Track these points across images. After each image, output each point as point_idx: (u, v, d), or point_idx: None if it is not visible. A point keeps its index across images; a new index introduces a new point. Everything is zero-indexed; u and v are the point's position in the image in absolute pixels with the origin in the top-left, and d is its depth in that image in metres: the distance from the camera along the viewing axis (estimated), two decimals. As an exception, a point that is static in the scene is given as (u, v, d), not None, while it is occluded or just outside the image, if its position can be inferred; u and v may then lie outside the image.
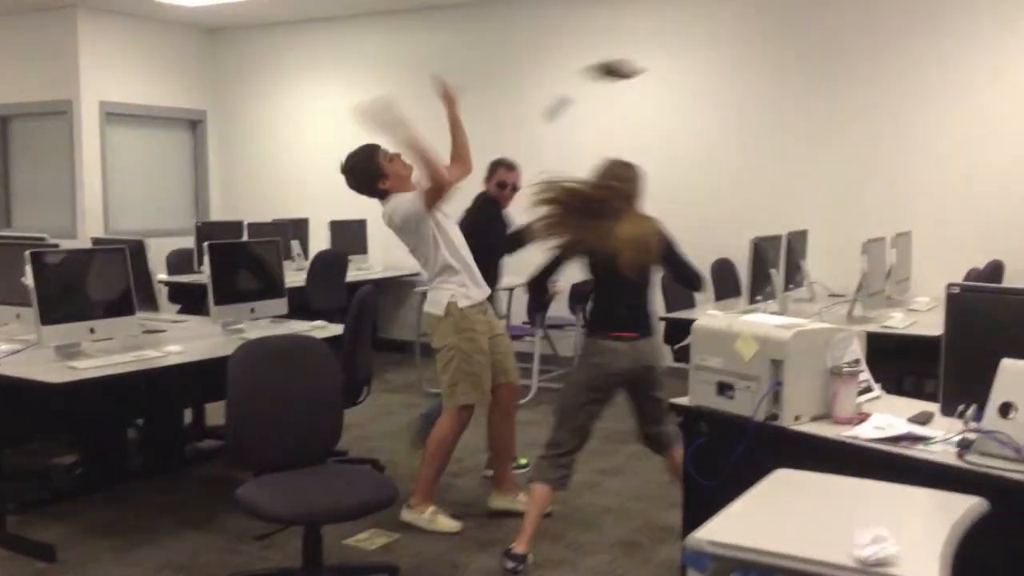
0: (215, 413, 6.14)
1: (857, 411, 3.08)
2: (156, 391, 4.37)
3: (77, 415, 4.28)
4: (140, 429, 5.42)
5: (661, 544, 4.13)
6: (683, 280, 4.28)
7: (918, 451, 2.75)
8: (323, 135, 9.53)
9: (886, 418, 3.03)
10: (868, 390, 3.24)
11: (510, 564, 3.82)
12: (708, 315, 3.53)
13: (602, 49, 8.05)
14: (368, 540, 4.16)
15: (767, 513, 2.18)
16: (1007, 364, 2.57)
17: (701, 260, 6.76)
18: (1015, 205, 6.48)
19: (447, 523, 4.32)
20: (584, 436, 3.94)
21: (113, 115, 9.22)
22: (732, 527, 2.05)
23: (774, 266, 5.80)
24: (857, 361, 3.15)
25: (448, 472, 5.04)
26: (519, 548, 3.84)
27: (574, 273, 7.44)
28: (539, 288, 4.28)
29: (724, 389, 3.17)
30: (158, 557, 4.01)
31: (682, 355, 6.12)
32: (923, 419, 3.06)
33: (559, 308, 7.34)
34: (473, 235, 4.61)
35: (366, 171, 4.40)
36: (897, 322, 5.16)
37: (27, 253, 4.08)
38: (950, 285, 2.83)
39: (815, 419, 3.07)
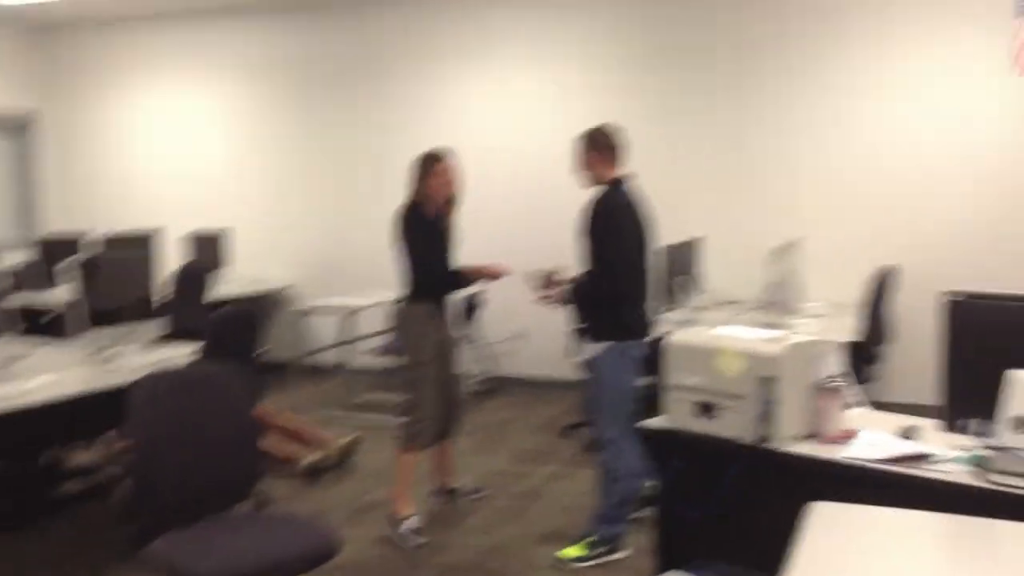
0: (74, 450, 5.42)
1: (841, 427, 2.90)
2: (27, 430, 3.74)
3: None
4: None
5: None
6: None
7: (929, 471, 2.58)
8: (169, 141, 8.79)
9: (876, 435, 2.86)
10: (856, 404, 3.07)
11: None
12: (683, 331, 3.26)
13: (476, 53, 7.81)
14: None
15: (852, 565, 1.91)
16: (1016, 376, 2.43)
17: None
18: (904, 211, 6.55)
19: None
20: None
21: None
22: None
23: (681, 273, 5.66)
24: (838, 375, 2.97)
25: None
26: None
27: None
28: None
29: (705, 409, 2.92)
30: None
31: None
32: (909, 434, 2.92)
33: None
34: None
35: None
36: (809, 328, 5.08)
37: None
38: (950, 293, 2.68)
39: (802, 439, 2.87)
